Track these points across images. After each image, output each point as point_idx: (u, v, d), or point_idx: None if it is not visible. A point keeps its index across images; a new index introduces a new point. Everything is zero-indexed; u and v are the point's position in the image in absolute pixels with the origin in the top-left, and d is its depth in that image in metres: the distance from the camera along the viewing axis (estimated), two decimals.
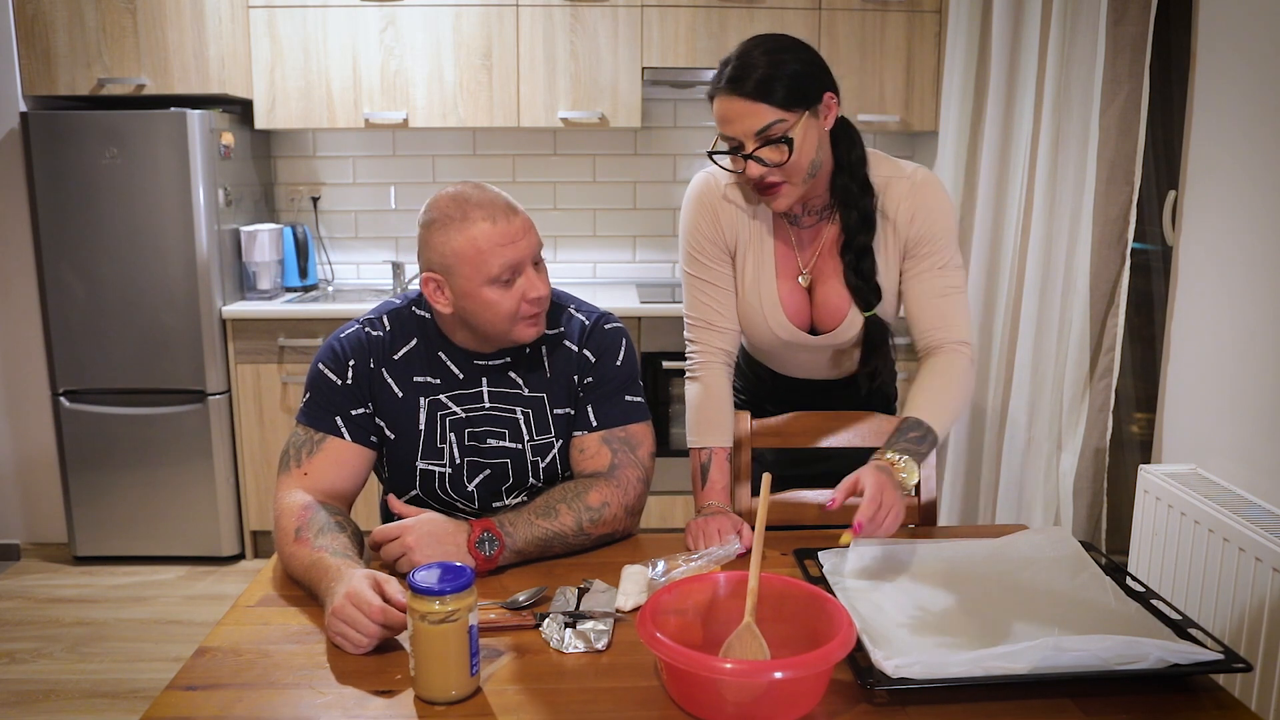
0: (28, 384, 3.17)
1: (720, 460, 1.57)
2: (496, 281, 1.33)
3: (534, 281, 1.36)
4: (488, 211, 1.33)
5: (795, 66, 1.38)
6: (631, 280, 3.66)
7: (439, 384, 1.45)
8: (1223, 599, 1.85)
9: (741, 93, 1.37)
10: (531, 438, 1.46)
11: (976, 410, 2.77)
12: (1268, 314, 1.94)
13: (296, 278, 3.42)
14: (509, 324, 1.37)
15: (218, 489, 3.14)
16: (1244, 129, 2.02)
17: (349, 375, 1.42)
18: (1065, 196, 2.55)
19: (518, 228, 1.34)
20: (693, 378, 1.61)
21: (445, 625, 0.99)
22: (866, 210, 1.50)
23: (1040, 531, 1.36)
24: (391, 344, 1.45)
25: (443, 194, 1.37)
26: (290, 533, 1.29)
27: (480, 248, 1.32)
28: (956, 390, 1.46)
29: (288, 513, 1.32)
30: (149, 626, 2.78)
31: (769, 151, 1.39)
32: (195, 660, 1.09)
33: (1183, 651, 1.02)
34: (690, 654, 0.95)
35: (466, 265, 1.33)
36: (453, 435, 1.44)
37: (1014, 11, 2.59)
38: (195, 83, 3.00)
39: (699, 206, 1.56)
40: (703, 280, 1.58)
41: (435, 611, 0.98)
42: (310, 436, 1.41)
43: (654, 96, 3.53)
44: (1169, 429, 2.30)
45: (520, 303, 1.36)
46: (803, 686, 0.96)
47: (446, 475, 1.45)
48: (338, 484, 1.40)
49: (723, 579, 1.14)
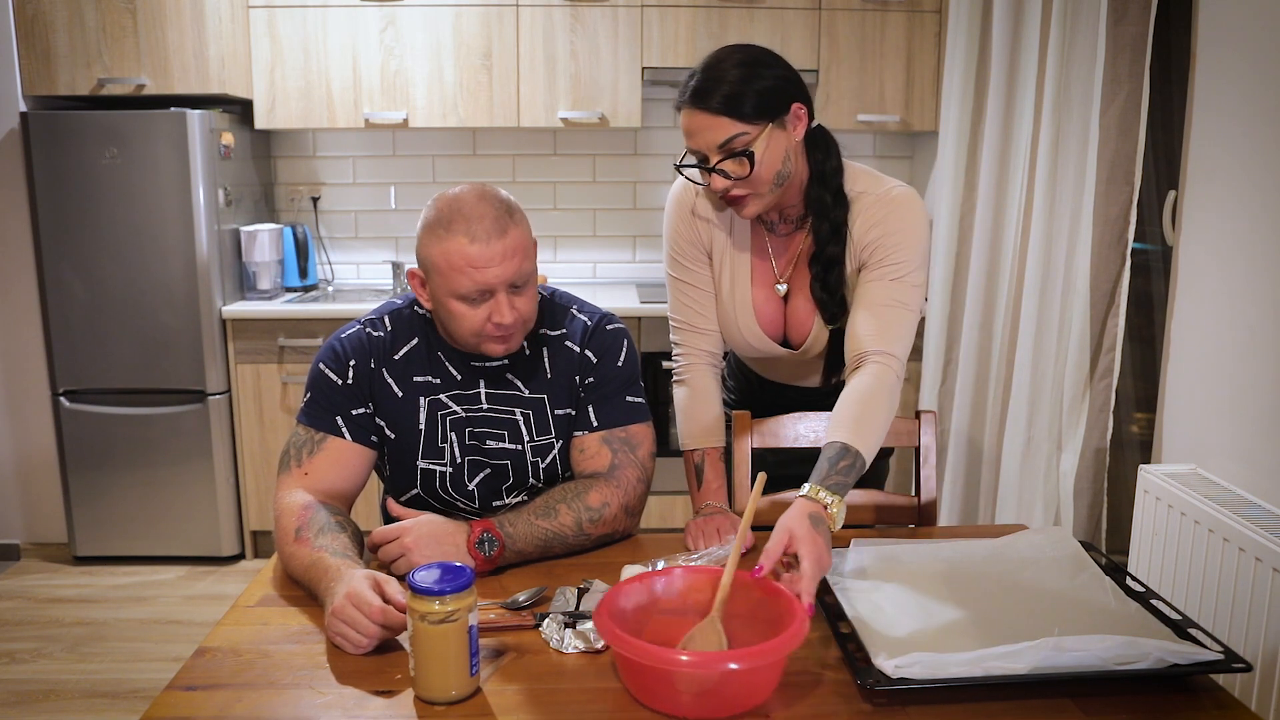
0: (28, 384, 3.17)
1: (714, 460, 1.57)
2: (465, 298, 1.33)
3: (502, 308, 1.33)
4: (472, 227, 1.30)
5: (761, 81, 1.36)
6: (631, 280, 3.66)
7: (439, 383, 1.45)
8: (1223, 599, 1.85)
9: (704, 106, 1.36)
10: (532, 438, 1.46)
11: (976, 410, 2.77)
12: (1268, 314, 1.94)
13: (296, 278, 3.42)
14: (474, 338, 1.37)
15: (218, 489, 3.14)
16: (1244, 129, 2.02)
17: (349, 375, 1.42)
18: (1065, 196, 2.55)
19: (496, 252, 1.30)
20: (679, 381, 1.62)
21: (445, 625, 0.99)
22: (838, 222, 1.47)
23: (1040, 531, 1.36)
24: (392, 344, 1.45)
25: (446, 194, 1.36)
26: (290, 532, 1.29)
27: (453, 263, 1.31)
28: (884, 411, 1.36)
29: (288, 512, 1.32)
30: (149, 626, 2.78)
31: (731, 165, 1.38)
32: (195, 660, 1.09)
33: (1183, 651, 1.02)
34: (643, 646, 0.96)
35: (438, 274, 1.33)
36: (453, 434, 1.44)
37: (1014, 11, 2.58)
38: (195, 83, 3.00)
39: (679, 209, 1.56)
40: (684, 283, 1.58)
41: (435, 611, 0.98)
42: (311, 436, 1.41)
43: (654, 96, 3.53)
44: (1169, 429, 2.30)
45: (485, 323, 1.34)
46: (755, 678, 0.98)
47: (447, 475, 1.45)
48: (338, 484, 1.40)
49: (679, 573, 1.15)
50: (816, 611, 1.11)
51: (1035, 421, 2.66)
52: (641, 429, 1.49)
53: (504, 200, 1.35)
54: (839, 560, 1.28)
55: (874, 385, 1.37)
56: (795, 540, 1.16)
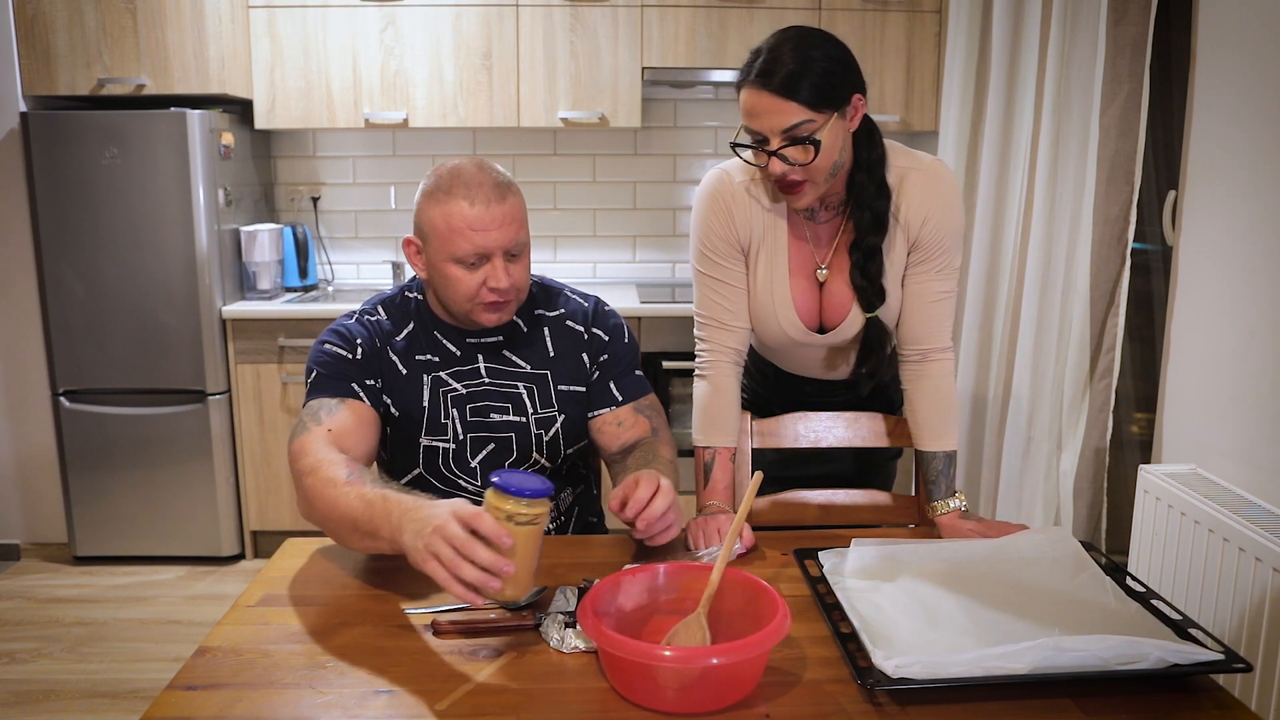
0: (28, 384, 3.17)
1: (723, 460, 1.57)
2: (461, 261, 1.36)
3: (499, 272, 1.37)
4: (471, 192, 1.35)
5: (826, 65, 1.36)
6: (631, 280, 3.66)
7: (439, 361, 1.48)
8: (1223, 599, 1.84)
9: (770, 88, 1.35)
10: (536, 411, 1.48)
11: (976, 410, 2.77)
12: (1268, 314, 1.94)
13: (296, 278, 3.42)
14: (468, 304, 1.39)
15: (218, 489, 3.14)
16: (1244, 129, 2.02)
17: (358, 352, 1.44)
18: (1065, 196, 2.55)
19: (496, 215, 1.35)
20: (701, 376, 1.61)
21: (528, 528, 1.03)
22: (880, 212, 1.49)
23: (1040, 531, 1.36)
24: (392, 328, 1.49)
25: (446, 164, 1.41)
26: (338, 477, 1.22)
27: (453, 225, 1.35)
28: (953, 405, 1.57)
29: (329, 462, 1.25)
30: (149, 626, 2.78)
31: (794, 151, 1.38)
32: (195, 660, 1.09)
33: (1183, 651, 1.02)
34: (625, 641, 0.97)
35: (437, 238, 1.37)
36: (455, 411, 1.47)
37: (1014, 11, 2.58)
38: (195, 83, 3.00)
39: (712, 204, 1.54)
40: (715, 279, 1.57)
41: (523, 514, 1.02)
42: (331, 402, 1.38)
43: (654, 96, 3.53)
44: (1169, 429, 2.30)
45: (481, 288, 1.38)
46: (738, 672, 0.99)
47: (450, 451, 1.47)
48: (361, 444, 1.38)
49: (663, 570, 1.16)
50: (817, 611, 1.11)
51: (1035, 421, 2.66)
52: (653, 397, 1.59)
53: (501, 172, 1.41)
54: (839, 560, 1.29)
55: (942, 385, 1.56)
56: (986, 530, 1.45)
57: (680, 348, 3.11)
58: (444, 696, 1.01)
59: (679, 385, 3.18)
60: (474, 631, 1.14)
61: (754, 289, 1.58)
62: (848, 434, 1.72)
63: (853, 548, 1.31)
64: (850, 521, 1.68)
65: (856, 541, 1.32)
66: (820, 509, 1.69)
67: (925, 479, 1.58)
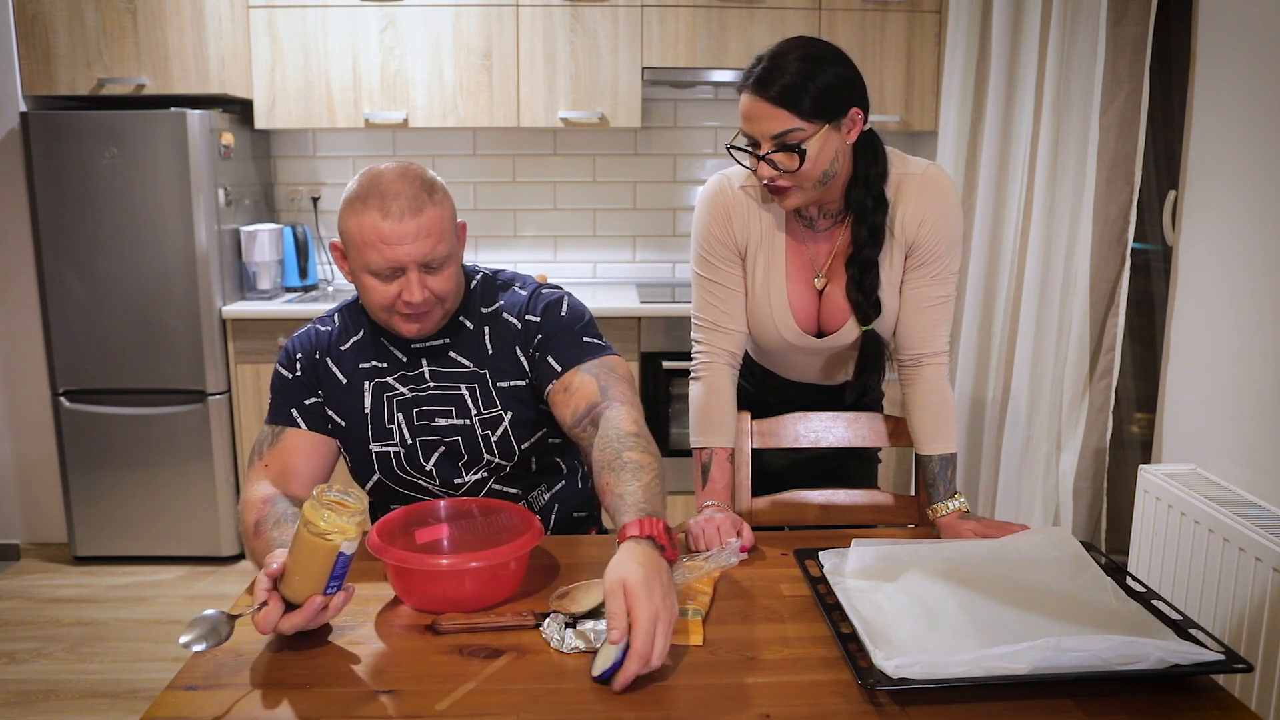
0: (28, 384, 3.17)
1: (721, 460, 1.57)
2: (376, 274, 1.36)
3: (412, 286, 1.34)
4: (386, 203, 1.32)
5: (824, 78, 1.38)
6: (631, 280, 3.66)
7: (385, 367, 1.48)
8: (1223, 599, 1.84)
9: (765, 95, 1.38)
10: (479, 411, 1.47)
11: (976, 410, 2.77)
12: (1268, 314, 1.94)
13: (296, 278, 3.42)
14: (385, 314, 1.40)
15: (218, 489, 3.14)
16: (1244, 129, 2.02)
17: (297, 369, 1.48)
18: (1065, 196, 2.55)
19: (409, 229, 1.32)
20: (697, 378, 1.62)
21: (316, 540, 1.07)
22: (877, 225, 1.50)
23: (1040, 531, 1.36)
24: (339, 336, 1.50)
25: (370, 169, 1.39)
26: (250, 527, 1.31)
27: (365, 238, 1.33)
28: (950, 408, 1.59)
29: (249, 506, 1.34)
30: (149, 626, 2.78)
31: (781, 157, 1.40)
32: (195, 660, 1.09)
33: (1183, 652, 1.02)
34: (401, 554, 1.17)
35: (353, 247, 1.36)
36: (400, 415, 1.47)
37: (1014, 11, 2.58)
38: (195, 83, 3.00)
39: (712, 209, 1.56)
40: (712, 282, 1.59)
41: (314, 525, 1.08)
42: (271, 431, 1.46)
43: (654, 96, 3.53)
44: (1169, 429, 2.30)
45: (395, 300, 1.37)
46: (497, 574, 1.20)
47: (401, 454, 1.47)
48: (299, 470, 1.43)
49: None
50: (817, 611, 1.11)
51: (1034, 421, 2.66)
52: (612, 358, 1.45)
53: (426, 179, 1.37)
54: (840, 560, 1.29)
55: (937, 389, 1.57)
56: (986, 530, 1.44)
57: (680, 348, 3.12)
58: (444, 696, 1.01)
59: (679, 385, 3.18)
60: (474, 631, 1.14)
61: (751, 292, 1.59)
62: (848, 434, 1.72)
63: (853, 548, 1.31)
64: (850, 521, 1.68)
65: (857, 542, 1.32)
66: (820, 509, 1.69)
67: (925, 481, 1.59)
